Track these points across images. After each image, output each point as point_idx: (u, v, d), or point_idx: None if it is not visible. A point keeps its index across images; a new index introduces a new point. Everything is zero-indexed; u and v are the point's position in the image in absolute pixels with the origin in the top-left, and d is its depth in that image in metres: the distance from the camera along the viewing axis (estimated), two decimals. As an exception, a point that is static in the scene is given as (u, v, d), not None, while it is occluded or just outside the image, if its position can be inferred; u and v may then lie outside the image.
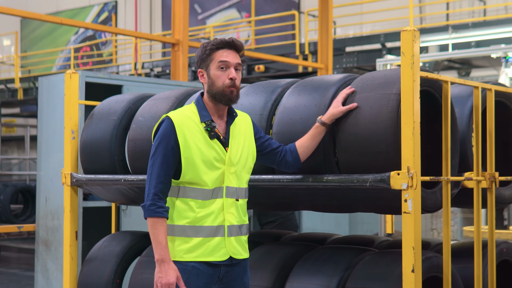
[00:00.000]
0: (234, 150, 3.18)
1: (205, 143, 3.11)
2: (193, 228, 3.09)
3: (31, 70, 22.28)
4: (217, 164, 3.12)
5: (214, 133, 3.12)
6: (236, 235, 3.16)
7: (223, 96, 3.13)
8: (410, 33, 3.25)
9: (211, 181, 3.11)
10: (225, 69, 3.13)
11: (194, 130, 3.11)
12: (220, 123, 3.20)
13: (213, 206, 3.11)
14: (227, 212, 3.13)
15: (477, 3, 15.88)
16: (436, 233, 8.77)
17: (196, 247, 3.09)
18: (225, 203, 3.13)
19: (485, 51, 10.45)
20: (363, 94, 3.45)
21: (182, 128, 3.09)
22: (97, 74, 7.10)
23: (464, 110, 3.88)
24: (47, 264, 7.08)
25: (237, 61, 3.15)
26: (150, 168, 3.09)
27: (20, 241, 14.44)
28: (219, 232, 3.11)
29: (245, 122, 3.32)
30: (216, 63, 3.13)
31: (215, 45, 3.15)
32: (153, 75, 17.13)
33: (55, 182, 6.99)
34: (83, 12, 23.25)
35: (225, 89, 3.12)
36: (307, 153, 3.44)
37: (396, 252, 3.61)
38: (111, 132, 4.49)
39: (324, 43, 11.61)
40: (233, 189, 3.16)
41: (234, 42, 3.15)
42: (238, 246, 3.17)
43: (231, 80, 3.12)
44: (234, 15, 20.37)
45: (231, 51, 3.15)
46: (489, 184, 3.89)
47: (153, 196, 3.04)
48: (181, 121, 3.11)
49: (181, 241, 3.10)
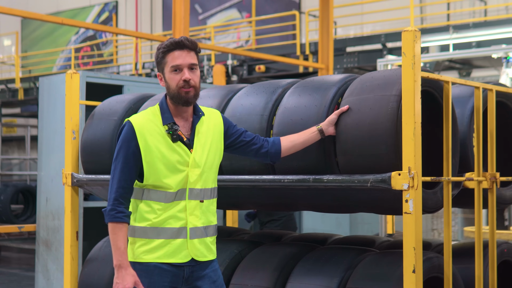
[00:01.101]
0: (199, 151, 3.13)
1: (167, 147, 3.08)
2: (155, 229, 3.07)
3: (31, 70, 22.28)
4: (180, 167, 3.09)
5: (176, 136, 3.09)
6: (200, 237, 3.12)
7: (179, 98, 3.10)
8: (411, 33, 3.25)
9: (174, 184, 3.08)
10: (178, 71, 3.09)
11: (156, 133, 3.08)
12: (184, 124, 3.16)
13: (176, 208, 3.08)
14: (190, 214, 3.09)
15: (478, 3, 15.87)
16: (437, 233, 8.77)
17: (157, 248, 3.07)
18: (188, 205, 3.10)
19: (486, 52, 10.45)
20: (363, 95, 3.45)
21: (143, 132, 3.06)
22: (97, 74, 7.10)
23: (465, 111, 3.88)
24: (48, 264, 7.08)
25: (190, 61, 3.09)
26: (112, 173, 3.08)
27: (20, 241, 14.45)
28: (181, 234, 3.09)
29: (214, 119, 3.26)
30: (169, 67, 3.10)
31: (165, 47, 3.10)
32: (154, 75, 17.12)
33: (56, 183, 6.98)
34: (84, 12, 23.26)
35: (180, 90, 3.08)
36: (291, 151, 3.42)
37: (397, 252, 3.61)
38: (112, 132, 4.49)
39: (325, 43, 11.61)
40: (196, 191, 3.12)
41: (183, 42, 3.09)
42: (201, 248, 3.13)
43: (184, 81, 3.08)
44: (235, 15, 20.37)
45: (183, 51, 3.09)
46: (490, 185, 3.89)
47: (113, 201, 3.03)
48: (141, 125, 3.08)
49: (142, 242, 3.09)
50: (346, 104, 3.47)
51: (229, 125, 3.32)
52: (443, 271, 3.58)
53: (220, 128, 3.27)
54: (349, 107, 3.45)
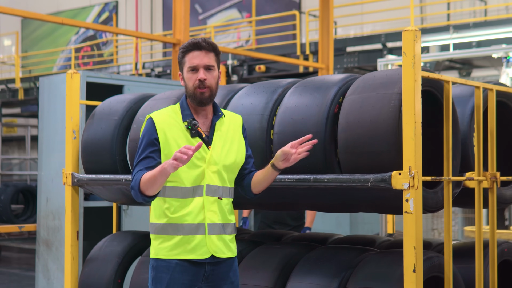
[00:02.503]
0: (217, 149, 3.17)
1: (186, 141, 3.13)
2: (173, 226, 3.11)
3: (31, 70, 22.28)
4: (197, 162, 3.12)
5: (195, 131, 3.14)
6: (218, 233, 3.15)
7: (195, 98, 3.16)
8: (411, 33, 3.26)
9: (190, 179, 3.11)
10: (195, 71, 3.16)
11: (175, 128, 3.14)
12: (204, 122, 3.21)
13: (193, 204, 3.11)
14: (208, 210, 3.12)
15: (478, 3, 15.88)
16: (437, 233, 8.77)
17: (177, 245, 3.11)
18: (206, 201, 3.13)
19: (486, 51, 10.45)
20: (365, 93, 3.45)
21: (163, 126, 3.14)
22: (98, 74, 7.11)
23: (465, 110, 3.88)
24: (48, 264, 7.08)
25: (206, 61, 3.15)
26: (134, 163, 3.15)
27: (20, 241, 14.45)
28: (200, 230, 3.11)
29: (235, 122, 3.31)
30: (186, 67, 3.17)
31: (184, 48, 3.18)
32: (154, 75, 17.13)
33: (56, 182, 6.99)
34: (84, 12, 23.26)
35: (195, 90, 3.14)
36: (257, 186, 3.30)
37: (397, 252, 3.61)
38: (112, 132, 4.50)
39: (325, 43, 11.61)
40: (214, 187, 3.15)
41: (200, 43, 3.16)
42: (220, 245, 3.15)
43: (199, 81, 3.13)
44: (235, 15, 20.37)
45: (201, 52, 3.16)
46: (490, 184, 3.89)
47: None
48: (162, 119, 3.15)
49: (163, 239, 3.14)
50: (348, 102, 3.47)
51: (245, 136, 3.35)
52: (444, 271, 3.58)
53: (240, 132, 3.30)
54: (350, 106, 3.45)
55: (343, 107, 3.51)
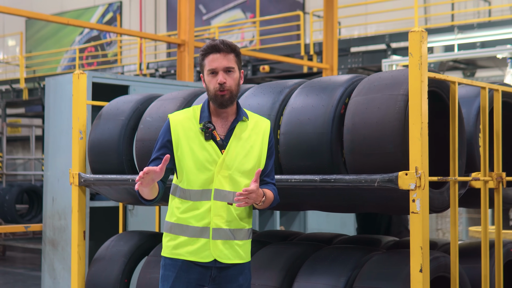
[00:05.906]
0: (232, 153, 3.13)
1: (199, 144, 3.12)
2: (179, 226, 3.13)
3: (36, 71, 22.33)
4: (208, 165, 3.10)
5: (209, 134, 3.12)
6: (224, 239, 3.11)
7: (215, 101, 3.13)
8: (418, 34, 3.27)
9: (198, 182, 3.10)
10: (215, 74, 3.14)
11: (190, 130, 3.14)
12: (223, 124, 3.17)
13: (200, 207, 3.11)
14: (215, 215, 3.10)
15: (482, 3, 15.87)
16: (442, 233, 8.78)
17: (181, 245, 3.13)
18: (213, 205, 3.10)
19: (491, 52, 10.46)
20: (371, 95, 3.46)
21: (177, 128, 3.15)
22: (103, 74, 7.12)
23: (471, 111, 3.89)
24: (54, 264, 7.10)
25: (226, 64, 3.12)
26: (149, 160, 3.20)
27: (25, 241, 14.47)
28: (204, 234, 3.10)
29: (260, 127, 3.23)
30: (206, 70, 3.15)
31: (203, 51, 3.17)
32: (158, 75, 17.16)
33: (62, 182, 7.01)
34: (88, 13, 23.30)
35: (216, 93, 3.12)
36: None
37: (404, 252, 3.62)
38: (119, 132, 4.51)
39: (329, 43, 11.62)
40: (224, 192, 3.11)
41: (218, 46, 3.13)
42: (225, 250, 3.12)
43: (219, 84, 3.11)
44: (239, 15, 20.39)
45: (220, 55, 3.12)
46: (496, 184, 3.90)
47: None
48: (178, 121, 3.17)
49: (170, 238, 3.17)
50: (354, 104, 3.48)
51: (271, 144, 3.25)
52: (450, 271, 3.59)
53: (265, 138, 3.23)
54: (356, 107, 3.46)
55: (349, 108, 3.52)
